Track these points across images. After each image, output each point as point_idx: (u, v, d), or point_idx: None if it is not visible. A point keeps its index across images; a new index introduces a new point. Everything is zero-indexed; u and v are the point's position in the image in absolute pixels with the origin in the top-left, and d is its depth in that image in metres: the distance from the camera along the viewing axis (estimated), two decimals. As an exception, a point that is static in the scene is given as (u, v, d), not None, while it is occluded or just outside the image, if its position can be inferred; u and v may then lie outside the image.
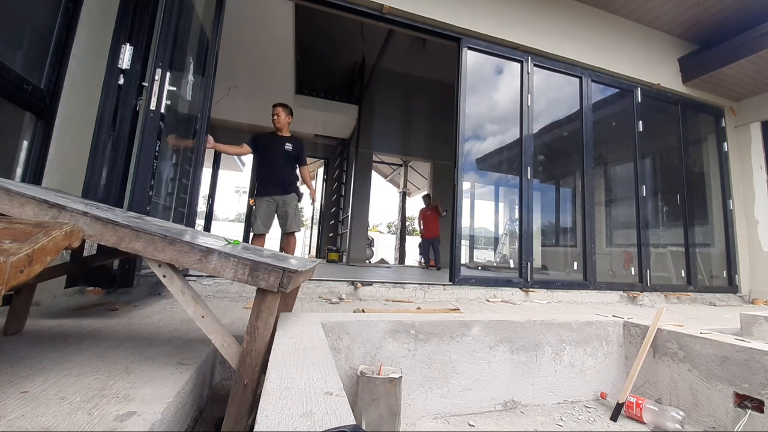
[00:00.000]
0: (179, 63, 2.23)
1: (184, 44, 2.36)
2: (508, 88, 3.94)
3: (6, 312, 1.22)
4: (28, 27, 1.75)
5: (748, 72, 4.28)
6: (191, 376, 1.00)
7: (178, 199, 2.66)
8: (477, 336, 1.52)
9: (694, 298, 4.16)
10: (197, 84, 2.63)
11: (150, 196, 1.92)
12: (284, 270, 0.93)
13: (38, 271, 0.70)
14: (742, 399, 1.28)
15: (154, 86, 1.91)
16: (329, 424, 0.52)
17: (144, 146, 1.91)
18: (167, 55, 1.93)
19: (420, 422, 1.36)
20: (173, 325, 1.55)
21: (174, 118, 2.32)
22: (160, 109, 1.91)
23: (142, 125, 1.92)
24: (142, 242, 0.93)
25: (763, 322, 1.93)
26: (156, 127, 1.92)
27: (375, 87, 7.62)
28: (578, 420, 1.46)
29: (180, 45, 2.23)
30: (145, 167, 1.90)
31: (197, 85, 2.63)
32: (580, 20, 4.14)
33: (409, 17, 3.40)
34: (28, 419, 0.70)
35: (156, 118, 1.91)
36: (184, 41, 2.38)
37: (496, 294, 3.24)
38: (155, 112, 1.90)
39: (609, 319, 1.83)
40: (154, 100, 1.90)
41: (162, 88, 1.91)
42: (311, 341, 0.97)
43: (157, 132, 1.93)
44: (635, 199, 4.28)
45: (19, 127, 1.76)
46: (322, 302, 2.50)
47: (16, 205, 0.89)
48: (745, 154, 4.86)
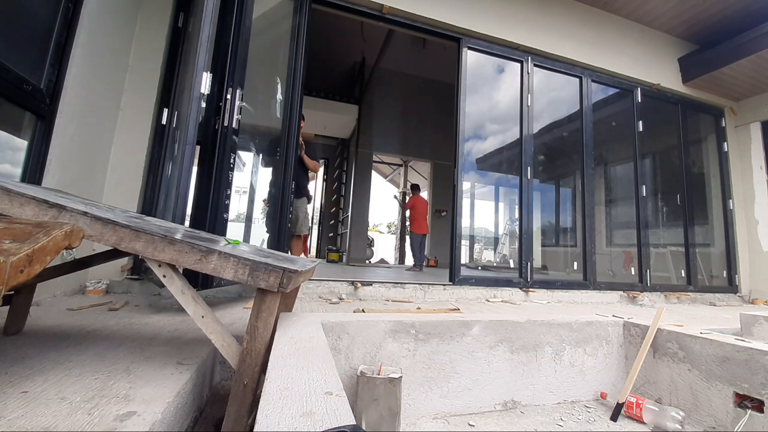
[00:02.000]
0: (253, 82, 2.45)
1: (264, 64, 2.68)
2: (508, 87, 3.94)
3: (6, 312, 1.22)
4: (28, 27, 1.75)
5: (748, 72, 4.28)
6: (191, 376, 1.00)
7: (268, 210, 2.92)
8: (477, 336, 1.52)
9: (694, 298, 4.16)
10: (285, 97, 2.91)
11: (227, 204, 2.11)
12: (284, 270, 0.93)
13: (38, 271, 0.70)
14: (742, 399, 1.28)
15: (227, 105, 2.09)
16: (329, 424, 0.52)
17: (222, 158, 2.10)
18: (239, 77, 2.14)
19: (420, 422, 1.36)
20: (173, 325, 1.55)
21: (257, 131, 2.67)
22: (232, 124, 2.09)
23: (220, 140, 2.11)
24: (142, 242, 0.93)
25: (763, 322, 1.93)
26: (230, 141, 2.11)
27: (375, 87, 7.61)
28: (578, 420, 1.46)
29: (257, 65, 2.46)
30: (224, 178, 2.09)
31: (285, 97, 2.91)
32: (580, 20, 4.14)
33: (409, 17, 3.40)
34: (28, 419, 0.70)
35: (229, 132, 2.09)
36: (264, 61, 2.68)
37: (496, 294, 3.24)
38: (228, 127, 2.08)
39: (609, 319, 1.83)
40: (227, 117, 2.08)
41: (233, 106, 2.10)
42: (311, 341, 0.97)
43: (231, 145, 2.11)
44: (635, 199, 4.28)
45: (19, 127, 1.76)
46: (322, 302, 2.50)
47: (16, 205, 0.89)
48: (745, 154, 4.86)
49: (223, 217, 2.08)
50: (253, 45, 2.33)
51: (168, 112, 2.66)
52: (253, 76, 2.34)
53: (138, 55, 2.62)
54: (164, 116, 2.64)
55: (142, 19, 2.66)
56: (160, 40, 2.69)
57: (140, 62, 2.62)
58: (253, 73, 2.36)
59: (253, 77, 2.34)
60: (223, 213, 2.08)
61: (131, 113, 2.56)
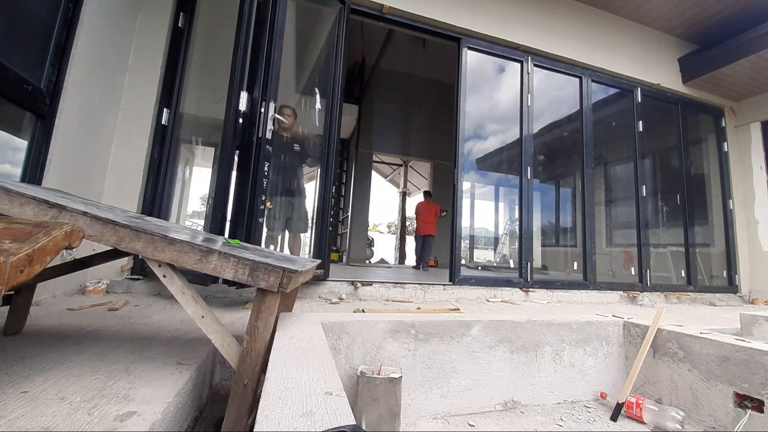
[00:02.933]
0: (288, 93, 2.75)
1: (300, 78, 3.01)
2: (508, 87, 3.94)
3: (6, 312, 1.22)
4: (28, 27, 1.75)
5: (748, 72, 4.28)
6: (191, 376, 1.00)
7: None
8: (477, 336, 1.52)
9: (694, 298, 4.16)
10: (327, 105, 3.11)
11: (262, 209, 2.27)
12: (284, 270, 0.93)
13: (38, 271, 0.70)
14: (742, 399, 1.28)
15: (261, 117, 2.27)
16: (329, 424, 0.52)
17: (257, 167, 2.28)
18: (272, 91, 2.31)
19: (420, 422, 1.36)
20: (173, 325, 1.55)
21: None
22: (266, 135, 2.26)
23: (255, 150, 2.29)
24: (142, 242, 0.93)
25: (763, 322, 1.93)
26: (265, 151, 2.28)
27: (375, 87, 7.61)
28: (578, 420, 1.46)
29: (290, 78, 2.78)
30: (258, 185, 2.26)
31: (327, 105, 3.11)
32: (580, 20, 4.14)
33: (409, 17, 3.40)
34: (28, 419, 0.70)
35: (263, 143, 2.26)
36: (300, 75, 3.01)
37: (496, 294, 3.24)
38: (262, 138, 2.26)
39: (609, 319, 1.83)
40: (261, 128, 2.26)
41: (266, 119, 2.26)
42: (311, 341, 0.97)
43: (265, 155, 2.28)
44: (635, 199, 4.27)
45: (19, 127, 1.76)
46: (322, 302, 2.50)
47: (16, 205, 0.89)
48: (745, 154, 4.86)
49: (258, 221, 2.24)
50: (289, 58, 2.52)
51: (168, 112, 2.66)
52: (287, 91, 2.51)
53: (138, 55, 2.62)
54: (164, 116, 2.65)
55: (142, 19, 2.66)
56: (160, 40, 2.69)
57: (140, 62, 2.62)
58: (289, 85, 2.51)
59: (287, 91, 2.51)
60: (258, 217, 2.24)
61: (131, 113, 2.56)
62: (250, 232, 2.20)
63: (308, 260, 1.47)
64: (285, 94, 2.45)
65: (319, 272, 2.72)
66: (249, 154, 2.26)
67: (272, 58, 2.30)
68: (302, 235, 3.50)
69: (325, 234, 2.87)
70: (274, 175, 3.43)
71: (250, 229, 2.20)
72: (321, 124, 3.03)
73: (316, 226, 2.96)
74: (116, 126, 2.51)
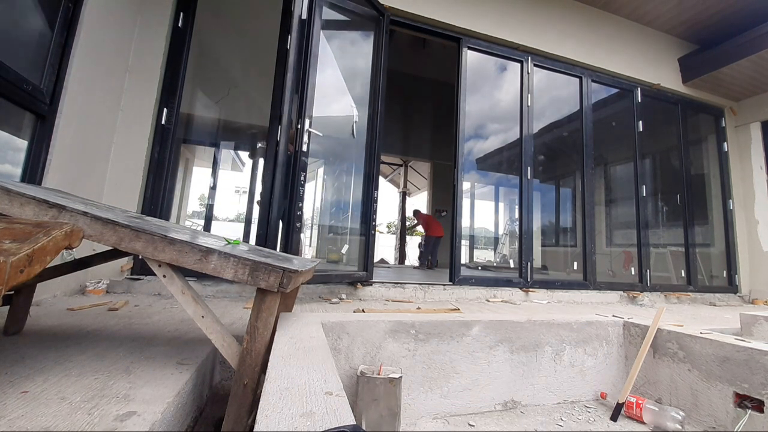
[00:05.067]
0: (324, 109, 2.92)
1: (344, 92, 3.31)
2: (508, 87, 3.94)
3: (6, 312, 1.22)
4: (28, 27, 1.75)
5: (748, 72, 4.28)
6: (191, 376, 1.00)
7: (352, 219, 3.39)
8: (477, 336, 1.52)
9: (694, 298, 4.16)
10: (369, 112, 3.48)
11: (300, 215, 2.50)
12: (284, 270, 0.93)
13: (38, 271, 0.70)
14: (742, 399, 1.28)
15: (299, 132, 2.47)
16: (329, 424, 0.52)
17: (295, 177, 2.50)
18: (309, 109, 2.54)
19: (420, 422, 1.36)
20: (173, 325, 1.55)
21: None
22: (302, 147, 2.48)
23: (293, 161, 2.51)
24: (142, 242, 0.93)
25: (763, 322, 1.93)
26: (301, 162, 2.50)
27: (375, 87, 7.60)
28: (578, 420, 1.46)
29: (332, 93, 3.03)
30: (296, 193, 2.49)
31: (369, 112, 3.48)
32: (580, 20, 4.13)
33: (409, 17, 3.40)
34: (28, 419, 0.70)
35: (300, 155, 2.48)
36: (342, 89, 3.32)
37: (496, 294, 3.24)
38: (299, 151, 2.48)
39: (609, 319, 1.83)
40: (299, 142, 2.47)
41: (303, 133, 2.47)
42: (311, 341, 0.97)
43: (302, 166, 2.50)
44: (635, 199, 4.27)
45: (19, 127, 1.76)
46: (322, 302, 2.50)
47: (16, 205, 0.89)
48: (745, 155, 4.86)
49: (296, 225, 2.46)
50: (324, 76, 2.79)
51: (168, 113, 2.66)
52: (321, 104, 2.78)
53: (138, 55, 2.62)
54: (164, 116, 2.65)
55: (142, 19, 2.66)
56: (160, 40, 2.68)
57: (140, 62, 2.62)
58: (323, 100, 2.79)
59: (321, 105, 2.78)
60: (296, 222, 2.46)
61: (131, 113, 2.56)
62: (288, 236, 2.42)
63: (308, 260, 1.47)
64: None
65: (362, 274, 2.92)
66: (288, 165, 2.49)
67: (307, 82, 2.54)
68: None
69: (370, 238, 3.06)
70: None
71: (289, 233, 2.43)
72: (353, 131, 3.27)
73: (362, 230, 3.15)
74: (116, 126, 2.51)
